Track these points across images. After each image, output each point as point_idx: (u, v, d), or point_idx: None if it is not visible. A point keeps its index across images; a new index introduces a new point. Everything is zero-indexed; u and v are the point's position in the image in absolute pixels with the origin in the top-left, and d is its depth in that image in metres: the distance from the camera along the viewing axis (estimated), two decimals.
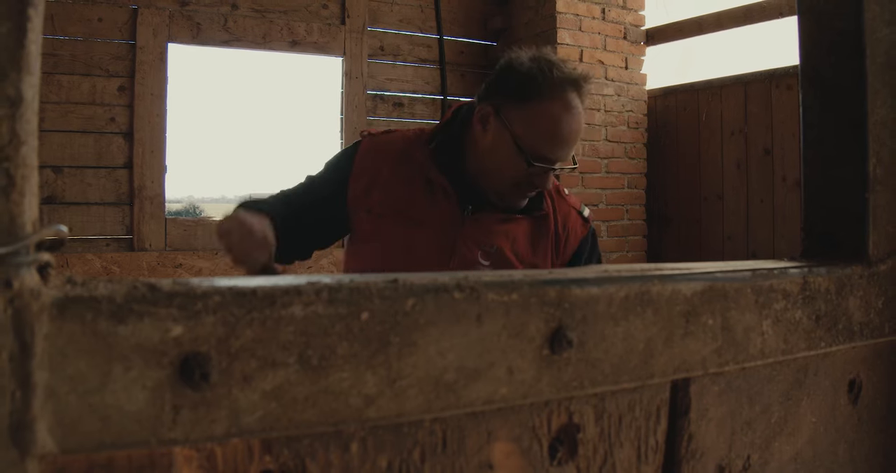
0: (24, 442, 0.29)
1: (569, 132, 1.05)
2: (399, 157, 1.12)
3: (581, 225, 1.19)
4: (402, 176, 1.11)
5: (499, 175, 1.08)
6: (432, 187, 1.11)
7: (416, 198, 1.10)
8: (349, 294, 0.35)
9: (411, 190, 1.10)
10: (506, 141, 1.05)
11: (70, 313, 0.30)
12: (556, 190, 1.18)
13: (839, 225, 0.60)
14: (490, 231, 1.11)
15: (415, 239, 1.09)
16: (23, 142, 0.29)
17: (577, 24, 3.07)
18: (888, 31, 0.57)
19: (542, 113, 1.04)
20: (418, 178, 1.11)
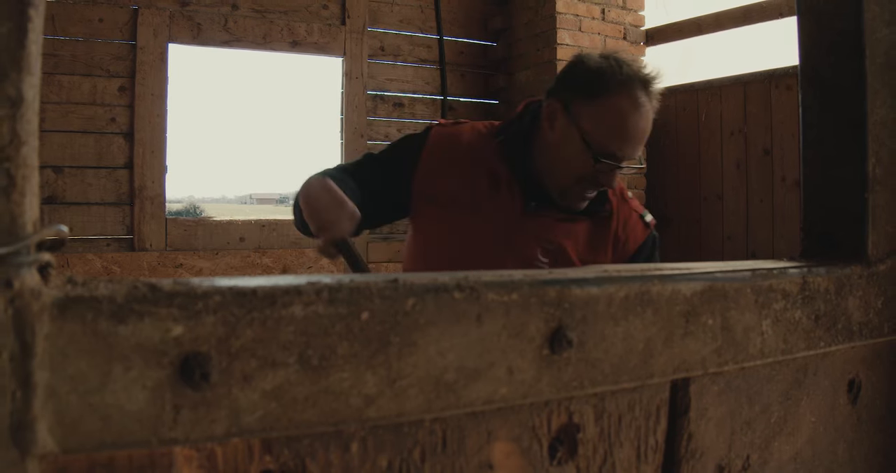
0: (24, 442, 0.29)
1: (636, 129, 1.04)
2: (466, 149, 1.12)
3: (642, 229, 1.16)
4: (467, 167, 1.10)
5: (564, 171, 1.07)
6: (497, 181, 1.10)
7: (479, 190, 1.09)
8: (349, 294, 0.35)
9: (476, 182, 1.10)
10: (573, 136, 1.04)
11: (71, 313, 0.30)
12: (621, 192, 1.17)
13: (838, 225, 0.60)
14: (551, 228, 1.10)
15: (475, 230, 1.09)
16: (23, 143, 0.29)
17: (576, 25, 3.07)
18: (888, 31, 0.57)
19: (611, 108, 1.03)
20: (483, 171, 1.10)
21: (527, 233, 1.09)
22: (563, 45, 3.04)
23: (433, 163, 1.11)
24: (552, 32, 3.05)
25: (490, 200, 1.10)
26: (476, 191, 1.10)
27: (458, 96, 3.39)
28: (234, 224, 2.92)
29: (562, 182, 1.08)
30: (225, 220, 2.94)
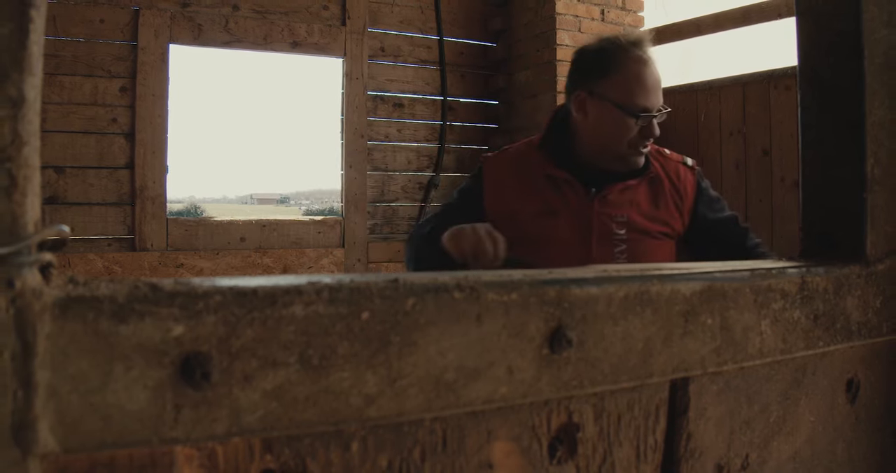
0: (25, 442, 0.29)
1: (653, 80, 1.23)
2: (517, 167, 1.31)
3: (689, 174, 1.33)
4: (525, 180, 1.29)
5: (615, 141, 1.24)
6: (555, 181, 1.27)
7: (545, 195, 1.27)
8: (350, 294, 0.36)
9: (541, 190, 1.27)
10: (608, 110, 1.22)
11: (72, 313, 0.30)
12: (658, 152, 1.34)
13: (837, 225, 0.60)
14: (616, 203, 1.27)
15: (555, 228, 1.25)
16: (25, 143, 0.30)
17: (576, 25, 3.08)
18: (886, 32, 0.57)
19: (627, 74, 1.22)
20: (540, 178, 1.28)
21: (599, 216, 1.26)
22: (563, 45, 3.04)
23: (495, 188, 1.30)
24: (552, 33, 3.05)
25: (557, 199, 1.26)
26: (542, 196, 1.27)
27: (458, 97, 3.39)
28: (235, 224, 2.93)
29: (616, 151, 1.25)
30: (226, 220, 2.94)
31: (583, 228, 1.25)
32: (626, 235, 1.26)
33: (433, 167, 3.33)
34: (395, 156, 3.25)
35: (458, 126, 3.39)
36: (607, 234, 1.25)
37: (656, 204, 1.28)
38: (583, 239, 1.25)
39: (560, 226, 1.25)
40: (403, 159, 3.27)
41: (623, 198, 1.27)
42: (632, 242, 1.26)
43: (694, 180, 1.33)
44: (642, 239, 1.27)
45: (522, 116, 3.25)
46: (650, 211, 1.28)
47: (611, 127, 1.23)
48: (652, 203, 1.28)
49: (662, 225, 1.29)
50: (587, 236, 1.25)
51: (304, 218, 3.14)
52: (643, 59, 1.23)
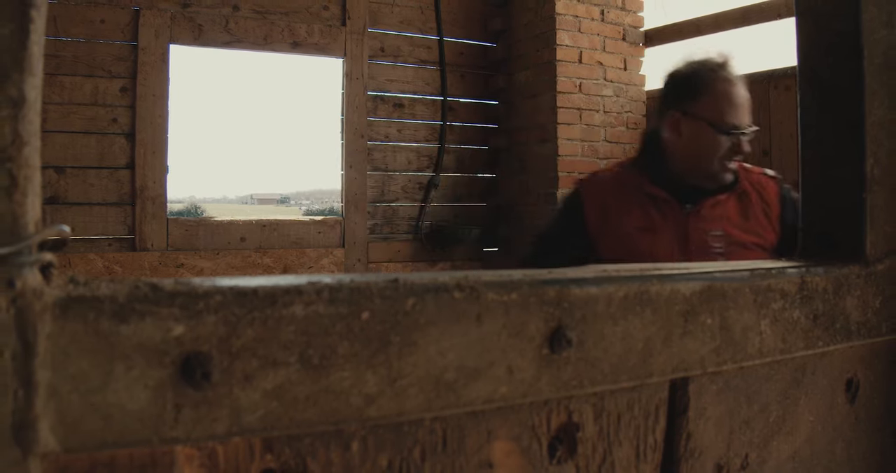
0: (26, 441, 0.29)
1: (740, 97, 1.32)
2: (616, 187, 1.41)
3: (773, 184, 1.41)
4: (625, 199, 1.38)
5: (707, 159, 1.33)
6: (654, 200, 1.37)
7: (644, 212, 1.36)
8: (350, 293, 0.36)
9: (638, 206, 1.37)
10: (702, 129, 1.32)
11: (72, 312, 0.30)
12: (741, 167, 1.41)
13: (837, 225, 0.60)
14: (709, 218, 1.35)
15: (656, 245, 1.34)
16: (25, 143, 0.30)
17: (576, 26, 3.08)
18: (886, 32, 0.57)
19: (717, 94, 1.31)
20: (640, 197, 1.37)
21: (695, 231, 1.35)
22: (563, 45, 3.04)
23: (597, 209, 1.40)
24: (552, 33, 3.05)
25: (657, 217, 1.36)
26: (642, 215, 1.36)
27: (458, 97, 3.39)
28: (235, 224, 2.93)
29: (708, 167, 1.34)
30: (226, 220, 2.94)
31: (681, 243, 1.34)
32: (723, 248, 1.33)
33: (433, 167, 3.33)
34: (395, 156, 3.25)
35: (458, 126, 3.40)
36: (704, 248, 1.33)
37: (746, 216, 1.36)
38: (682, 254, 1.33)
39: (660, 241, 1.34)
40: (403, 159, 3.28)
41: (715, 212, 1.35)
42: (729, 255, 1.33)
43: (777, 189, 1.41)
44: (738, 252, 1.33)
45: (522, 116, 3.25)
46: (741, 223, 1.35)
47: (704, 144, 1.32)
48: (742, 216, 1.36)
49: (755, 236, 1.36)
50: (685, 251, 1.33)
51: (305, 218, 3.14)
52: (731, 80, 1.31)
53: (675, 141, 1.37)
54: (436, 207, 3.33)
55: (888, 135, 0.58)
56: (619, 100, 3.18)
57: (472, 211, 3.43)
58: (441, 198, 3.34)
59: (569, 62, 3.06)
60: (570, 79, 3.06)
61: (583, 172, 3.09)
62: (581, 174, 3.09)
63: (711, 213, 1.35)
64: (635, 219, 1.36)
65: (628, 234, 1.35)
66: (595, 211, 1.40)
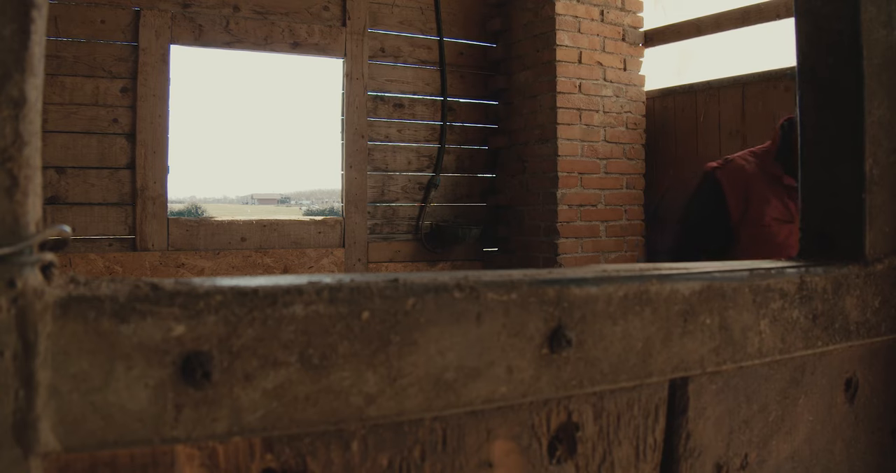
0: (27, 441, 0.29)
1: None
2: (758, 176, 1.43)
3: None
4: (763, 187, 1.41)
5: None
6: (791, 190, 1.40)
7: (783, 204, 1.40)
8: (350, 293, 0.36)
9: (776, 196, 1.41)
10: None
11: (73, 312, 0.30)
12: None
13: (836, 225, 0.60)
14: None
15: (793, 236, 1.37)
16: (26, 143, 0.30)
17: (575, 26, 3.08)
18: (885, 32, 0.57)
19: None
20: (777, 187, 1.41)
21: None
22: (563, 46, 3.04)
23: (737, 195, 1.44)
24: (551, 33, 3.05)
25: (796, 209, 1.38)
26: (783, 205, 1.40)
27: (458, 97, 3.39)
28: (236, 224, 2.93)
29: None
30: (226, 220, 2.94)
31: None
32: None
33: (433, 167, 3.33)
34: (395, 156, 3.26)
35: (458, 126, 3.40)
36: None
37: None
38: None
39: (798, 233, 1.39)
40: (403, 159, 3.28)
41: None
42: None
43: None
44: None
45: (522, 116, 3.25)
46: None
47: None
48: None
49: None
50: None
51: (305, 218, 3.14)
52: None
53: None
54: (436, 207, 3.33)
55: (887, 135, 0.58)
56: (619, 100, 3.18)
57: (472, 211, 3.44)
58: (441, 198, 3.35)
59: (568, 62, 3.06)
60: (569, 80, 3.06)
61: (583, 172, 3.09)
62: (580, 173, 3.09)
63: None
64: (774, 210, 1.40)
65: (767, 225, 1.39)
66: (736, 199, 1.43)
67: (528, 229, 3.20)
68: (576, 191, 3.07)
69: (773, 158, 1.44)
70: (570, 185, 3.05)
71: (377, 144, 3.21)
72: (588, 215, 3.10)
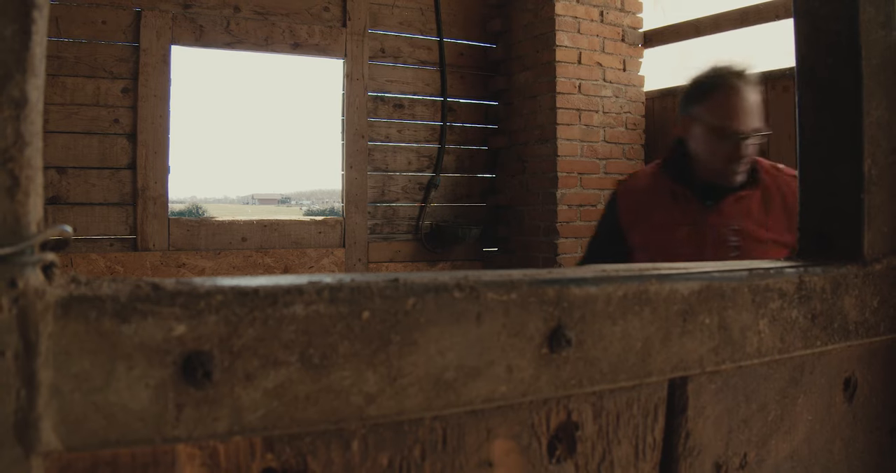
0: (28, 440, 0.29)
1: (741, 105, 1.38)
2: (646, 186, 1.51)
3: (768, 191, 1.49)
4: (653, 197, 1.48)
5: (713, 159, 1.41)
6: (677, 197, 1.45)
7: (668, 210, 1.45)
8: (350, 293, 0.36)
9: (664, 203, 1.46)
10: (703, 131, 1.41)
11: (74, 312, 0.30)
12: (773, 167, 1.49)
13: (835, 225, 0.60)
14: (730, 214, 1.42)
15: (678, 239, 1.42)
16: (27, 144, 0.30)
17: (575, 27, 3.08)
18: (883, 32, 0.58)
19: (717, 100, 1.40)
20: (667, 196, 1.47)
21: (713, 226, 1.42)
22: (562, 46, 3.04)
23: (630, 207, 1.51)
24: (551, 34, 3.05)
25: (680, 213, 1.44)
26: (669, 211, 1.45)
27: (458, 97, 3.39)
28: (237, 224, 2.93)
29: (716, 167, 1.42)
30: (227, 220, 2.94)
31: (699, 237, 1.42)
32: (739, 242, 1.40)
33: (433, 168, 3.33)
34: (395, 156, 3.26)
35: (458, 127, 3.40)
36: (721, 242, 1.41)
37: (767, 214, 1.43)
38: (700, 247, 1.41)
39: (682, 235, 1.43)
40: (404, 160, 3.28)
41: (736, 208, 1.42)
42: (743, 249, 1.39)
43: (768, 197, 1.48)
44: (754, 247, 1.39)
45: (522, 117, 3.25)
46: (762, 220, 1.42)
47: (706, 146, 1.42)
48: (763, 213, 1.43)
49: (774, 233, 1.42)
50: (703, 244, 1.41)
51: (305, 218, 3.14)
52: (736, 88, 1.39)
53: (687, 142, 1.47)
54: (436, 207, 3.33)
55: (886, 136, 0.58)
56: (618, 100, 3.18)
57: (472, 211, 3.44)
58: (441, 198, 3.35)
59: (568, 63, 3.06)
60: (569, 80, 3.06)
61: (582, 172, 3.09)
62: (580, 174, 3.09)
63: (732, 209, 1.42)
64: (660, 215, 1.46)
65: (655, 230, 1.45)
66: (628, 209, 1.51)
67: (528, 229, 3.20)
68: (575, 191, 3.07)
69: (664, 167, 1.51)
70: (570, 185, 3.05)
71: (377, 144, 3.21)
72: (588, 215, 3.10)
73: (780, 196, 1.44)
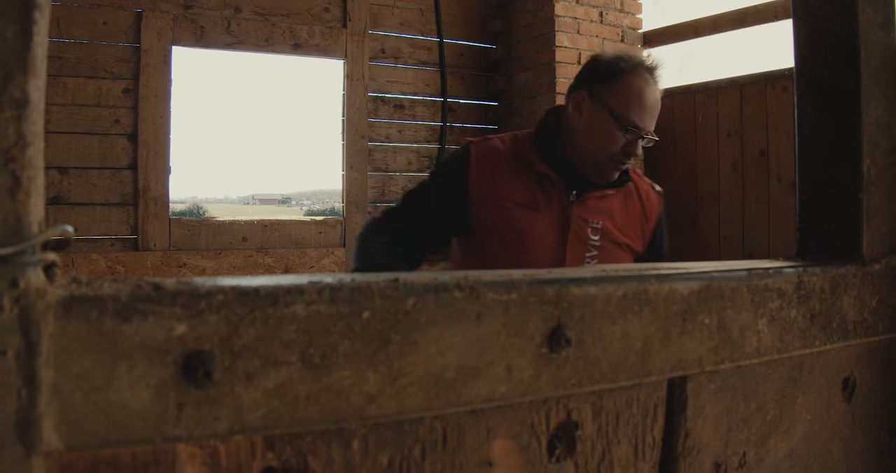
0: (30, 440, 0.29)
1: (651, 101, 1.25)
2: (507, 157, 1.30)
3: (657, 199, 1.39)
4: (515, 171, 1.28)
5: (598, 149, 1.27)
6: (541, 178, 1.28)
7: (531, 188, 1.28)
8: (350, 293, 0.36)
9: (526, 181, 1.28)
10: (602, 115, 1.25)
11: (75, 312, 0.30)
12: (636, 172, 1.41)
13: (834, 225, 0.60)
14: (593, 209, 1.31)
15: (536, 223, 1.27)
16: (28, 144, 0.30)
17: (575, 28, 3.08)
18: (882, 33, 0.58)
19: (629, 85, 1.24)
20: (530, 172, 1.28)
21: (576, 219, 1.29)
22: (562, 47, 3.05)
23: (485, 172, 1.28)
24: (551, 35, 3.05)
25: (543, 196, 1.28)
26: (531, 191, 1.28)
27: (459, 98, 3.39)
28: (237, 224, 2.93)
29: (597, 159, 1.27)
30: (228, 220, 2.94)
31: (561, 227, 1.29)
32: (599, 242, 1.30)
33: (433, 168, 3.33)
34: (395, 156, 3.26)
35: (458, 127, 3.40)
36: (582, 238, 1.29)
37: (626, 218, 1.34)
38: (559, 238, 1.28)
39: (540, 221, 1.27)
40: (404, 160, 3.28)
41: (599, 205, 1.31)
42: (602, 249, 1.30)
43: (659, 206, 1.39)
44: (612, 248, 1.31)
45: (522, 117, 3.25)
46: (621, 222, 1.33)
47: (599, 133, 1.26)
48: (622, 216, 1.34)
49: (628, 239, 1.34)
50: (563, 236, 1.28)
51: (306, 218, 3.14)
52: (648, 80, 1.26)
53: (574, 121, 1.29)
54: None
55: (884, 136, 0.59)
56: None
57: None
58: None
59: (568, 63, 3.06)
60: (569, 81, 3.06)
61: None
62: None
63: (596, 205, 1.31)
64: (518, 194, 1.27)
65: (508, 208, 1.26)
66: (482, 177, 1.28)
67: None
68: None
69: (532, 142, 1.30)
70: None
71: (377, 145, 3.21)
72: None
73: (639, 202, 1.35)
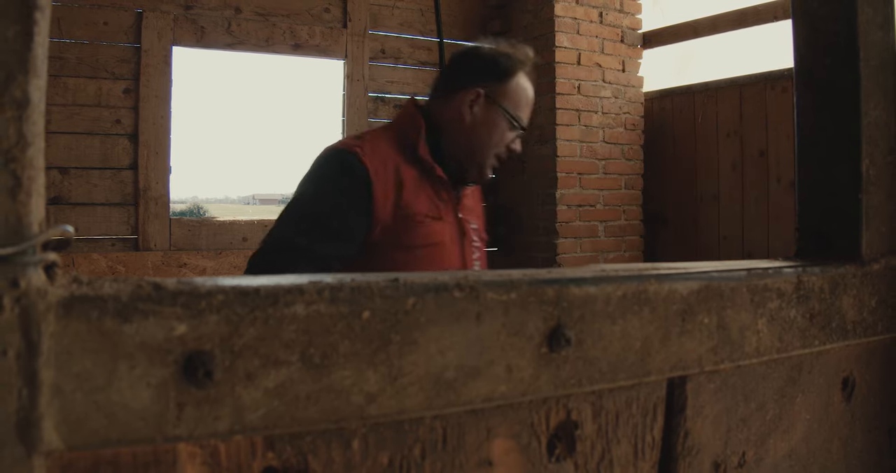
0: (30, 439, 0.29)
1: (532, 98, 1.25)
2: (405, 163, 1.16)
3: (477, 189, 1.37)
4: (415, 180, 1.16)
5: (488, 148, 1.22)
6: (435, 183, 1.19)
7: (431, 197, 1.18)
8: (351, 293, 0.36)
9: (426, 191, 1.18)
10: (497, 115, 1.21)
11: (76, 312, 0.30)
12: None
13: (833, 225, 0.60)
14: (467, 209, 1.27)
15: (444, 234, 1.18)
16: (29, 144, 0.30)
17: (574, 28, 3.08)
18: (881, 34, 0.58)
19: (520, 85, 1.22)
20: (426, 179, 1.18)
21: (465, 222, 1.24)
22: (562, 47, 3.05)
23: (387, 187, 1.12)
24: (551, 35, 3.05)
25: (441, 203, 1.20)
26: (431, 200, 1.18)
27: None
28: (237, 224, 2.93)
29: (484, 157, 1.23)
30: (228, 221, 2.94)
31: (459, 234, 1.22)
32: (478, 243, 1.28)
33: None
34: None
35: None
36: (471, 241, 1.26)
37: (480, 212, 1.34)
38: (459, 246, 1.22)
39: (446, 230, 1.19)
40: None
41: (469, 204, 1.29)
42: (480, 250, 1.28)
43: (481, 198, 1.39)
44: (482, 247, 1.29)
45: None
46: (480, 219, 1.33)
47: (494, 131, 1.21)
48: (478, 211, 1.34)
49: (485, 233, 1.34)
50: (461, 242, 1.22)
51: None
52: (532, 78, 1.25)
53: (462, 119, 1.20)
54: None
55: (883, 136, 0.59)
56: (618, 101, 3.18)
57: None
58: None
59: (567, 64, 3.06)
60: (568, 81, 3.06)
61: (582, 173, 3.09)
62: (579, 174, 3.09)
63: (469, 205, 1.27)
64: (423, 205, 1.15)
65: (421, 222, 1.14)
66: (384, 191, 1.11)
67: (528, 229, 3.20)
68: (575, 191, 3.07)
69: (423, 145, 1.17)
70: (569, 186, 3.06)
71: None
72: (587, 215, 3.10)
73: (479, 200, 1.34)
